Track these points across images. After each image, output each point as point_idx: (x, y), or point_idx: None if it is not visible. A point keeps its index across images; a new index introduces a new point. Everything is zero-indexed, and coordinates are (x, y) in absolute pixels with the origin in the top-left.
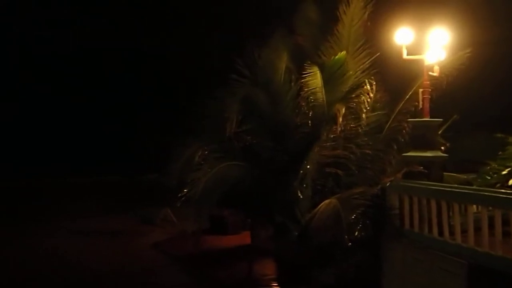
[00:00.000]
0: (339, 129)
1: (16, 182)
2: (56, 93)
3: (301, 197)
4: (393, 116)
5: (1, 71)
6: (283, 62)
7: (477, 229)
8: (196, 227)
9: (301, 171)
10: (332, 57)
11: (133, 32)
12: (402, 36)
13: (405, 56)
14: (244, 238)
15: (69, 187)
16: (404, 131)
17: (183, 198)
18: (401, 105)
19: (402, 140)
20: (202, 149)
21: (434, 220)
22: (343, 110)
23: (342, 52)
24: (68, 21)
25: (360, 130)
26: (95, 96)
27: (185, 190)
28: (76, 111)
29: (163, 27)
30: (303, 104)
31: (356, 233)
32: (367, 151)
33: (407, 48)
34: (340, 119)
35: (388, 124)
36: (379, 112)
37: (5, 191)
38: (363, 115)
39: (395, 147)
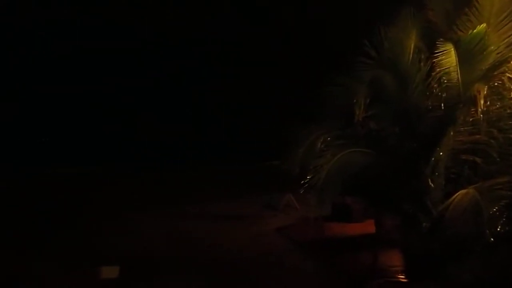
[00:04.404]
0: (480, 111)
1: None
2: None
3: (432, 186)
4: None
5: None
6: (411, 41)
7: None
8: (318, 213)
9: (433, 158)
10: (470, 31)
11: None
12: None
13: None
14: (367, 226)
15: (199, 175)
16: None
17: (306, 185)
18: None
19: None
20: (324, 135)
21: None
22: (485, 90)
23: (481, 25)
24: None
25: (504, 113)
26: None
27: (308, 177)
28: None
29: (281, 9)
30: (435, 85)
31: (499, 228)
32: None
33: None
34: (482, 101)
35: None
36: None
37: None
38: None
39: None
